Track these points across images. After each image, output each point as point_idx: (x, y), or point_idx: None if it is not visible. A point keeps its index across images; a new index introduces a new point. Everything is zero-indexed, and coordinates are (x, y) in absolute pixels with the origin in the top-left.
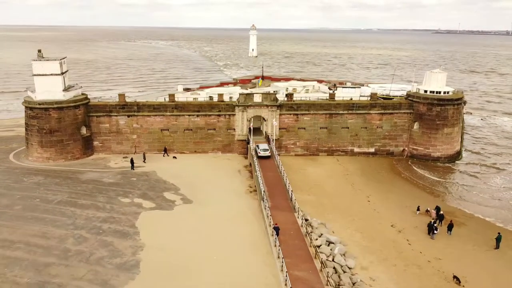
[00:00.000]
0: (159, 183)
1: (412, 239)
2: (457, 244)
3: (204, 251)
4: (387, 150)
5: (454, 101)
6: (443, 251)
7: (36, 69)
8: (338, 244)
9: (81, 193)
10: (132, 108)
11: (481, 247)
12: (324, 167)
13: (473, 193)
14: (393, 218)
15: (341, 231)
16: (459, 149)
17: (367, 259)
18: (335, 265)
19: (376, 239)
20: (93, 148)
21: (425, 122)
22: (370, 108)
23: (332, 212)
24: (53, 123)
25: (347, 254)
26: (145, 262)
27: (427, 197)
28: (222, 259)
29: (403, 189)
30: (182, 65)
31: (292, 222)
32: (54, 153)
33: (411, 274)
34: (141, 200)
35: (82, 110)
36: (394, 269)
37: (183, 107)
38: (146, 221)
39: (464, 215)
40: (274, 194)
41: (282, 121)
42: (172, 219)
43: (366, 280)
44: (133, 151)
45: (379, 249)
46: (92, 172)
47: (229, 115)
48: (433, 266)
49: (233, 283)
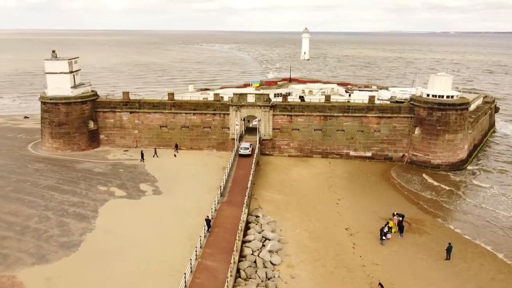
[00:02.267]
0: (141, 175)
1: (360, 243)
2: (407, 252)
3: (146, 236)
4: (385, 155)
5: (456, 106)
6: (386, 257)
7: (48, 67)
8: (273, 241)
9: (69, 180)
10: (134, 105)
11: (432, 257)
12: (312, 168)
13: (454, 205)
14: (352, 222)
15: (290, 230)
16: (465, 157)
17: (299, 258)
18: (258, 260)
19: (321, 240)
20: (99, 141)
21: (425, 127)
22: (367, 111)
23: (293, 211)
24: (61, 117)
25: (281, 252)
26: (87, 242)
27: (404, 204)
28: (155, 245)
29: (383, 195)
30: (233, 67)
31: (236, 217)
32: (62, 144)
33: (337, 277)
34: (116, 189)
35: (89, 105)
36: (322, 270)
37: (180, 105)
38: (109, 208)
39: (434, 224)
40: (235, 191)
41: (276, 122)
42: (134, 207)
43: (284, 277)
44: (134, 145)
45: (317, 250)
46: (89, 163)
47: (224, 114)
48: (364, 271)
49: (149, 266)
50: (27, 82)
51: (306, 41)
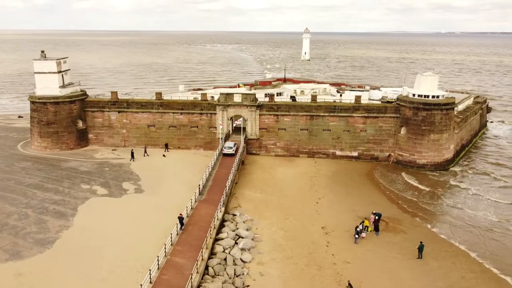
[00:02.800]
0: (126, 174)
1: (335, 241)
2: (380, 250)
3: (121, 234)
4: (372, 155)
5: (442, 106)
6: (358, 255)
7: (36, 67)
8: (245, 239)
9: (53, 178)
10: (122, 105)
11: (405, 256)
12: (297, 168)
13: (433, 205)
14: (329, 221)
15: (266, 228)
16: (451, 157)
17: (271, 256)
18: (228, 257)
19: (296, 238)
20: (88, 140)
21: (410, 127)
22: (353, 111)
23: (272, 210)
24: (50, 116)
25: (253, 250)
26: (62, 240)
27: (385, 204)
28: (130, 242)
29: (365, 194)
30: (234, 67)
31: (211, 215)
32: (51, 143)
33: (306, 274)
34: (99, 187)
35: (78, 105)
36: (292, 268)
37: (168, 105)
38: (89, 206)
39: (411, 223)
40: (214, 189)
41: (262, 121)
42: (114, 205)
43: (254, 275)
44: (122, 145)
45: (291, 248)
46: (75, 161)
47: (211, 114)
48: (335, 269)
49: (121, 263)
50: (28, 82)
51: (307, 42)
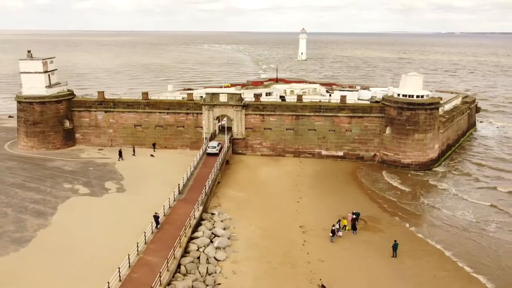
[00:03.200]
0: (109, 173)
1: (311, 240)
2: (356, 249)
3: (99, 233)
4: (357, 155)
5: (426, 105)
6: (334, 254)
7: (22, 67)
8: (221, 238)
9: (36, 177)
10: (109, 105)
11: (381, 254)
12: (282, 167)
13: (413, 205)
14: (308, 220)
15: (245, 227)
16: (435, 157)
17: (246, 254)
18: (202, 256)
19: (273, 237)
20: (75, 139)
21: (395, 127)
22: (338, 111)
23: (253, 209)
24: (36, 116)
25: (229, 248)
26: (38, 238)
27: (366, 203)
28: (106, 241)
29: (347, 194)
30: (230, 68)
31: (188, 214)
32: (37, 142)
33: (280, 273)
34: (81, 186)
35: (65, 105)
36: (266, 266)
37: (154, 104)
38: (70, 205)
39: (390, 223)
40: (195, 189)
41: (248, 121)
42: (94, 204)
43: (226, 273)
44: (109, 144)
45: (267, 247)
46: (60, 161)
47: (197, 113)
48: (308, 268)
49: (94, 261)
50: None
51: (303, 42)
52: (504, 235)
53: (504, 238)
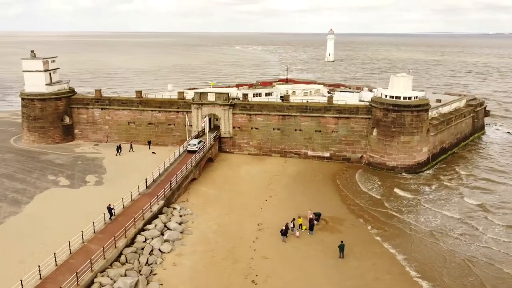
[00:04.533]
0: (95, 167)
1: (264, 237)
2: (305, 248)
3: (62, 222)
4: (344, 156)
5: (412, 107)
6: (280, 252)
7: (24, 66)
8: (172, 231)
9: (26, 169)
10: (105, 102)
11: (329, 255)
12: (264, 166)
13: (384, 208)
14: (269, 218)
15: (203, 223)
16: (423, 160)
17: (193, 248)
18: (147, 247)
19: (227, 233)
20: (74, 135)
21: (381, 129)
22: (324, 111)
23: (218, 206)
24: (37, 112)
25: (178, 241)
26: (6, 225)
27: (336, 204)
28: (65, 229)
29: (320, 194)
30: (254, 69)
31: (147, 208)
32: (38, 137)
33: (219, 267)
34: (63, 178)
35: (64, 102)
36: (208, 260)
37: (146, 103)
38: (46, 195)
39: (353, 224)
40: (164, 184)
41: (236, 120)
42: (69, 196)
43: (167, 264)
44: (105, 140)
45: (217, 242)
46: (55, 155)
47: (187, 112)
48: (249, 263)
49: (47, 248)
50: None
51: (331, 43)
52: (460, 247)
53: (459, 250)
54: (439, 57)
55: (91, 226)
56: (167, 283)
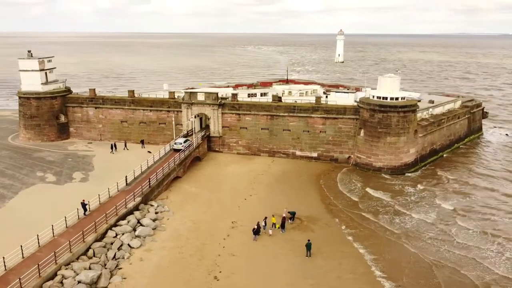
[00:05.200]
0: (84, 165)
1: (236, 235)
2: (275, 247)
3: (40, 216)
4: (331, 156)
5: (398, 108)
6: (249, 250)
7: (21, 66)
8: (144, 227)
9: (17, 165)
10: (99, 101)
11: (297, 253)
12: (250, 166)
13: (360, 208)
14: (245, 216)
15: (178, 220)
16: (411, 162)
17: (163, 244)
18: (116, 242)
19: (200, 230)
20: (69, 133)
21: (368, 129)
22: (312, 112)
23: (197, 204)
24: (33, 110)
25: (149, 237)
26: None
27: (315, 204)
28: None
29: (301, 194)
30: (262, 70)
31: (123, 204)
32: (34, 134)
33: (185, 263)
34: (51, 175)
35: (59, 100)
36: (176, 256)
37: (138, 102)
38: (31, 191)
39: (327, 224)
40: (145, 181)
41: (225, 120)
42: (52, 192)
43: (133, 259)
44: (99, 138)
45: (188, 239)
46: (47, 152)
47: (177, 111)
48: (215, 260)
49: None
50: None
51: (341, 43)
52: (429, 250)
53: (427, 253)
54: (453, 58)
55: (63, 221)
56: (130, 277)
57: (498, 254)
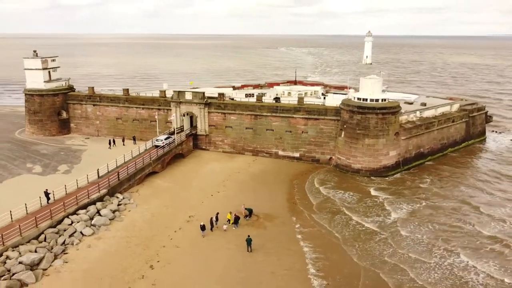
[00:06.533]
0: (72, 158)
1: (188, 228)
2: (221, 241)
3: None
4: (313, 157)
5: (376, 109)
6: (194, 243)
7: (26, 64)
8: (101, 217)
9: (13, 157)
10: (96, 99)
11: (241, 248)
12: (230, 164)
13: (322, 209)
14: (204, 212)
15: (139, 212)
16: (391, 164)
17: (115, 234)
18: (69, 229)
19: (156, 222)
20: (70, 128)
21: (347, 131)
22: (294, 112)
23: (163, 198)
24: (36, 106)
25: (103, 226)
26: None
27: (280, 203)
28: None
29: (270, 193)
30: (285, 71)
31: (87, 195)
32: (37, 129)
33: (128, 251)
34: (38, 167)
35: (61, 98)
36: (122, 245)
37: (132, 100)
38: (15, 180)
39: (283, 222)
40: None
41: (211, 119)
42: (34, 181)
43: (81, 246)
44: (96, 134)
45: (141, 230)
46: (45, 145)
47: (167, 109)
48: (157, 251)
49: None
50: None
51: (369, 45)
52: (364, 258)
53: (367, 256)
54: (491, 61)
55: (23, 207)
56: (72, 261)
57: (434, 265)
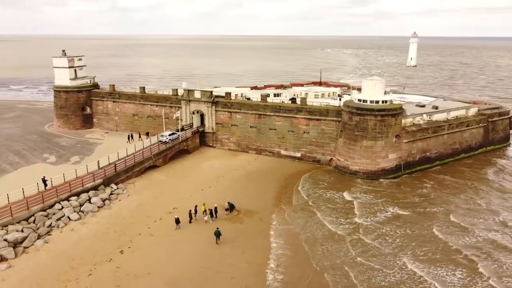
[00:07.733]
0: (86, 150)
1: (168, 219)
2: (194, 233)
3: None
4: (314, 157)
5: (375, 111)
6: (168, 233)
7: (54, 63)
8: (90, 204)
9: (35, 147)
10: (115, 96)
11: (210, 240)
12: (232, 162)
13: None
14: (189, 204)
15: (129, 202)
16: (390, 167)
17: (99, 220)
18: (58, 213)
19: (140, 212)
20: (93, 123)
21: (346, 132)
22: (296, 112)
23: (156, 190)
24: (62, 102)
25: (91, 213)
26: None
27: (267, 201)
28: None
29: (261, 191)
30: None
31: (82, 184)
32: (63, 123)
33: (105, 237)
34: (53, 157)
35: (85, 94)
36: (102, 231)
37: (147, 98)
38: (28, 168)
39: (261, 219)
40: (119, 166)
41: (218, 117)
42: (45, 170)
43: (66, 229)
44: (115, 129)
45: (125, 218)
46: (66, 138)
47: (179, 107)
48: (132, 238)
49: None
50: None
51: (414, 46)
52: (326, 259)
53: (331, 257)
54: None
55: (20, 192)
56: (53, 242)
57: (386, 274)
